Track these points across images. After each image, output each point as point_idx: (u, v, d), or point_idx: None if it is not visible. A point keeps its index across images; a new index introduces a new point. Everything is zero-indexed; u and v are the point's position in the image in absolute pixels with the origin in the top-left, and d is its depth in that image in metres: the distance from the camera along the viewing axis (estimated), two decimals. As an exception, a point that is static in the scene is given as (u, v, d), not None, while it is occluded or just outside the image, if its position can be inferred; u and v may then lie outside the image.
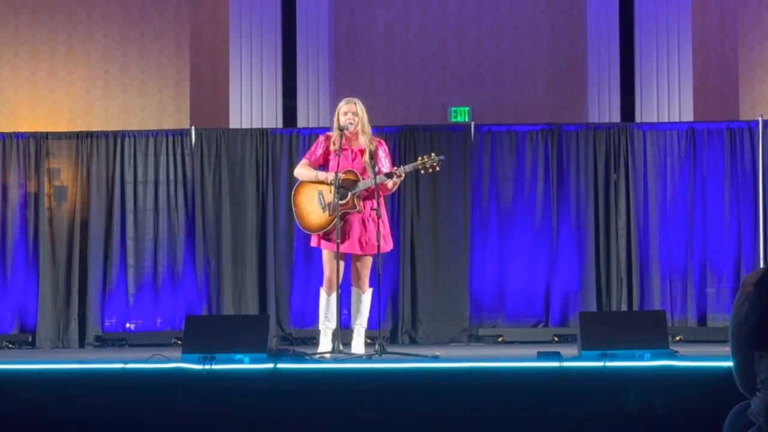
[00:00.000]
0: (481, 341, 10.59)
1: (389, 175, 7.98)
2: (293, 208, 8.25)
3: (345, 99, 8.33)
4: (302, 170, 8.23)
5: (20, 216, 10.95)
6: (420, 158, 8.26)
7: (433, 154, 8.24)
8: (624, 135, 10.71)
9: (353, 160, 8.14)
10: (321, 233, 8.05)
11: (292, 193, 8.29)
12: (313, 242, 8.23)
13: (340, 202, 7.97)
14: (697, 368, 6.61)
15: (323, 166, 8.21)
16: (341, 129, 8.04)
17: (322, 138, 8.26)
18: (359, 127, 8.13)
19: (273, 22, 12.29)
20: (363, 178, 8.03)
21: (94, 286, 10.80)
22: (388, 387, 6.62)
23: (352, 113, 8.12)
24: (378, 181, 7.94)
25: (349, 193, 8.01)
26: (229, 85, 12.26)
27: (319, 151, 8.20)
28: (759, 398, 3.45)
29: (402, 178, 8.06)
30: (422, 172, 8.26)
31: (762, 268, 3.38)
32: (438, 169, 8.23)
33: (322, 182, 8.08)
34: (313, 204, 8.11)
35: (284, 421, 6.52)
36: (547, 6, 12.65)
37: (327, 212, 7.98)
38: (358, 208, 8.02)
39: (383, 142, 8.35)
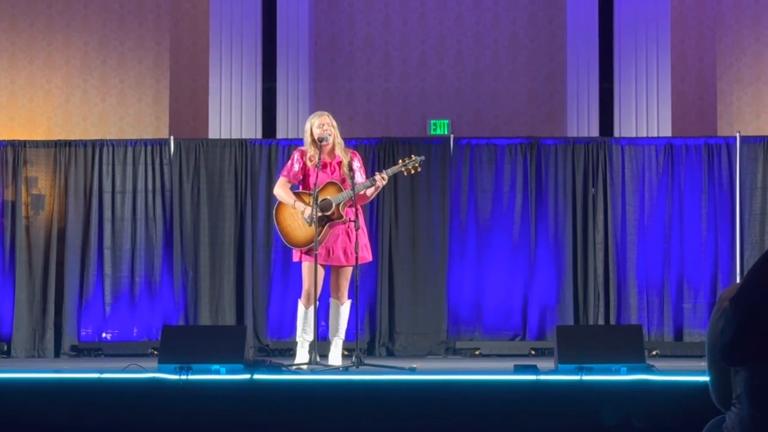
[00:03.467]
0: (458, 354, 10.59)
1: (372, 182, 8.01)
2: (277, 227, 8.25)
3: (314, 113, 8.36)
4: (281, 192, 8.22)
5: (-3, 224, 10.90)
6: (401, 161, 8.31)
7: (413, 156, 8.30)
8: (602, 149, 10.74)
9: (332, 173, 8.16)
10: (305, 248, 8.05)
11: (274, 211, 8.30)
12: (296, 257, 8.23)
13: (326, 213, 7.98)
14: (673, 383, 6.63)
15: (302, 182, 8.23)
16: (320, 140, 8.06)
17: (297, 154, 8.25)
18: (335, 138, 8.16)
19: (253, 33, 12.29)
20: (344, 189, 8.05)
21: (71, 295, 10.75)
22: (365, 399, 6.62)
23: (327, 124, 8.13)
24: (357, 190, 7.96)
25: (333, 204, 8.02)
26: (209, 95, 12.25)
27: (297, 167, 8.20)
28: (734, 413, 3.46)
29: (385, 182, 8.09)
30: (405, 173, 8.31)
31: (738, 283, 3.40)
32: (419, 169, 8.29)
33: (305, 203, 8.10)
34: (297, 220, 8.11)
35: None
36: (527, 21, 12.69)
37: (313, 225, 7.96)
38: (344, 218, 8.04)
39: (357, 153, 8.39)
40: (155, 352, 9.57)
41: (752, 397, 3.35)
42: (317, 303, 8.06)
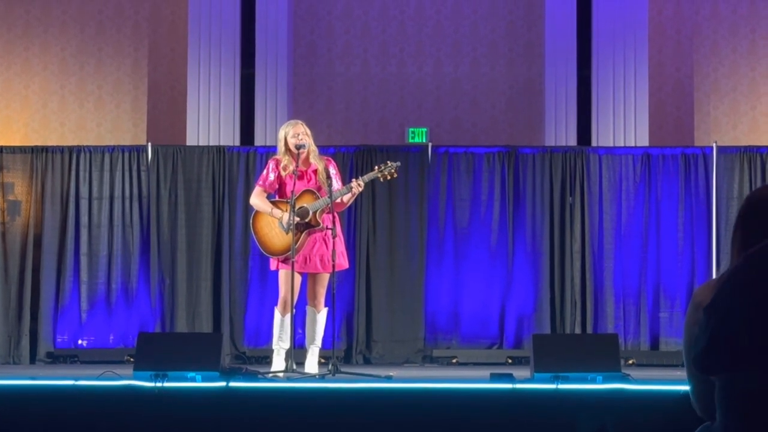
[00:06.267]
0: (435, 362, 10.59)
1: (349, 189, 8.02)
2: (254, 236, 8.24)
3: (288, 123, 8.35)
4: (258, 201, 8.23)
5: (-27, 230, 10.84)
6: (377, 167, 8.32)
7: (389, 162, 8.32)
8: (580, 159, 10.78)
9: (308, 181, 8.16)
10: (283, 257, 8.04)
11: (251, 221, 8.29)
12: (273, 266, 8.22)
13: (304, 220, 7.98)
14: (648, 392, 6.64)
15: (278, 191, 8.22)
16: (298, 148, 8.05)
17: (272, 163, 8.24)
18: (310, 146, 8.16)
19: (232, 40, 12.27)
20: (321, 196, 8.06)
21: (47, 301, 10.70)
22: (342, 407, 6.61)
23: (302, 133, 8.14)
24: (334, 197, 7.96)
25: (310, 212, 8.01)
26: (187, 102, 12.22)
27: (272, 177, 8.19)
28: (717, 420, 3.47)
29: (361, 189, 8.10)
30: (381, 179, 8.32)
31: (712, 285, 3.40)
32: (396, 175, 8.30)
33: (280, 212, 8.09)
34: (274, 228, 8.11)
35: (236, 440, 6.49)
36: (506, 30, 12.72)
37: (290, 233, 7.95)
38: (321, 225, 8.04)
39: (332, 160, 8.39)
40: (131, 359, 9.54)
41: (725, 406, 3.36)
42: (294, 311, 8.06)
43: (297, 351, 8.18)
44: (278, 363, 8.09)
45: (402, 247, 10.73)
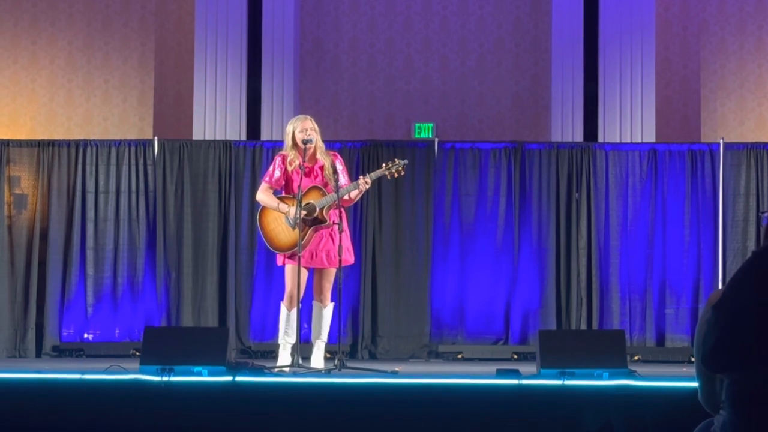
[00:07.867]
0: (440, 358, 10.59)
1: (356, 185, 8.02)
2: (261, 232, 8.24)
3: (296, 118, 8.34)
4: (264, 197, 8.22)
5: (-21, 223, 10.85)
6: (384, 164, 8.32)
7: (396, 160, 8.31)
8: (587, 154, 10.77)
9: (315, 178, 8.16)
10: (289, 253, 8.05)
11: (257, 216, 8.30)
12: (279, 261, 8.23)
13: (311, 216, 7.99)
14: (654, 388, 6.65)
15: (284, 187, 8.22)
16: (305, 143, 8.06)
17: (278, 159, 8.24)
18: (317, 142, 8.16)
19: (238, 35, 12.27)
20: (327, 193, 8.06)
21: (53, 295, 10.71)
22: (347, 402, 6.62)
23: (310, 129, 8.13)
24: (341, 194, 7.96)
25: (317, 208, 8.02)
26: (193, 97, 12.23)
27: (278, 173, 8.20)
28: (720, 417, 3.48)
29: (369, 186, 8.10)
30: (388, 177, 8.32)
31: (723, 288, 3.41)
32: (403, 173, 8.29)
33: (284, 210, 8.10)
34: (280, 224, 8.11)
35: (242, 434, 6.50)
36: (513, 25, 12.71)
37: (297, 229, 7.95)
38: (327, 221, 8.04)
39: (338, 155, 8.39)
40: (137, 353, 9.55)
41: (733, 404, 3.37)
42: (300, 305, 8.06)
43: (303, 346, 8.18)
44: (284, 358, 8.10)
45: (408, 243, 10.73)
